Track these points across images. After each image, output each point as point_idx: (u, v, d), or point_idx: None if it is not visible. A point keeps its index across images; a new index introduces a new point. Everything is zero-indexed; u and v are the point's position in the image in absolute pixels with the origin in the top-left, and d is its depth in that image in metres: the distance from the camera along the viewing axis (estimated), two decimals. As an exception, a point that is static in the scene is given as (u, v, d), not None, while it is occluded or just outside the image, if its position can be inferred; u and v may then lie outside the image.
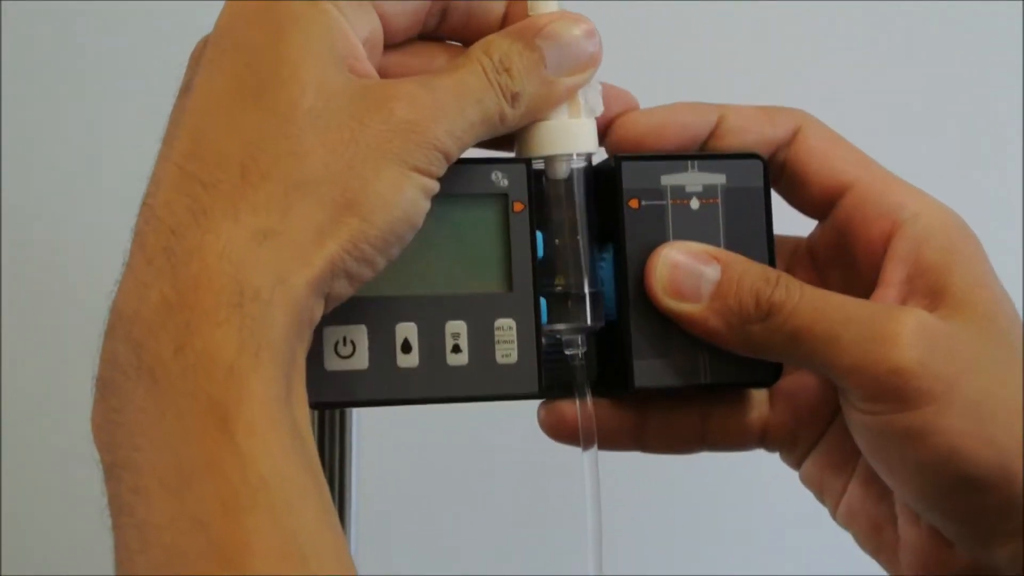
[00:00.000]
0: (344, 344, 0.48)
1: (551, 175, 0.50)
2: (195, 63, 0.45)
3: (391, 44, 0.48)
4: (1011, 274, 0.63)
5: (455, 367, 0.49)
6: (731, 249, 0.51)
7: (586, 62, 0.48)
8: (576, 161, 0.50)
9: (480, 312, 0.49)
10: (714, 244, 0.51)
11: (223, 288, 0.41)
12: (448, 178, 0.45)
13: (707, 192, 0.51)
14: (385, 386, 0.48)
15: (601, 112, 0.50)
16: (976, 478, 0.47)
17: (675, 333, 0.50)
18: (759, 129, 0.52)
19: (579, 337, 0.51)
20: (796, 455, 0.54)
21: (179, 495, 0.39)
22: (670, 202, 0.51)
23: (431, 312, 0.49)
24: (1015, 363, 0.48)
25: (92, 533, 0.44)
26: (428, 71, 0.48)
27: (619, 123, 0.51)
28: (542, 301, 0.50)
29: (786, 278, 0.49)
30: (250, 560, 0.39)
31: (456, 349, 0.49)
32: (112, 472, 0.41)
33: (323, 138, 0.43)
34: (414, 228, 0.44)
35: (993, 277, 0.50)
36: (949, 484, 0.48)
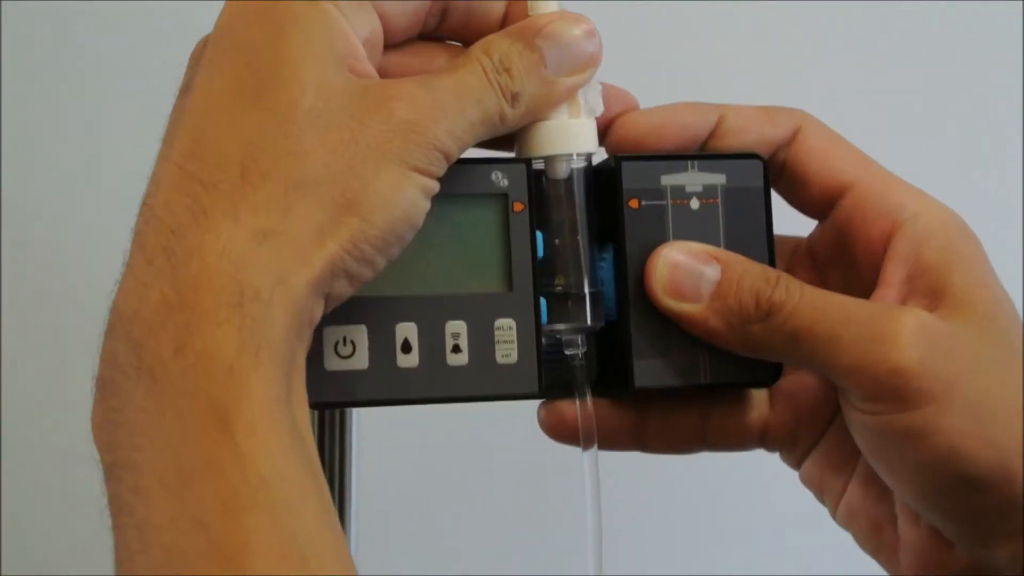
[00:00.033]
0: (344, 344, 0.48)
1: (551, 175, 0.50)
2: (195, 63, 0.45)
3: (391, 44, 0.48)
4: (1011, 274, 0.63)
5: (455, 367, 0.49)
6: (731, 249, 0.51)
7: (586, 62, 0.48)
8: (576, 161, 0.50)
9: (480, 312, 0.49)
10: (714, 244, 0.51)
11: (223, 288, 0.41)
12: (448, 178, 0.45)
13: (707, 192, 0.51)
14: (385, 386, 0.48)
15: (601, 112, 0.50)
16: (976, 478, 0.47)
17: (675, 333, 0.50)
18: (759, 129, 0.52)
19: (579, 337, 0.51)
20: (796, 455, 0.54)
21: (179, 495, 0.39)
22: (670, 202, 0.51)
23: (431, 312, 0.49)
24: (1015, 363, 0.48)
25: (92, 533, 0.44)
26: (428, 71, 0.48)
27: (619, 123, 0.51)
28: (542, 301, 0.50)
29: (786, 278, 0.49)
30: (250, 560, 0.39)
31: (456, 349, 0.49)
32: (112, 472, 0.41)
33: (323, 138, 0.43)
34: (414, 228, 0.44)
35: (993, 277, 0.50)
36: (949, 484, 0.48)
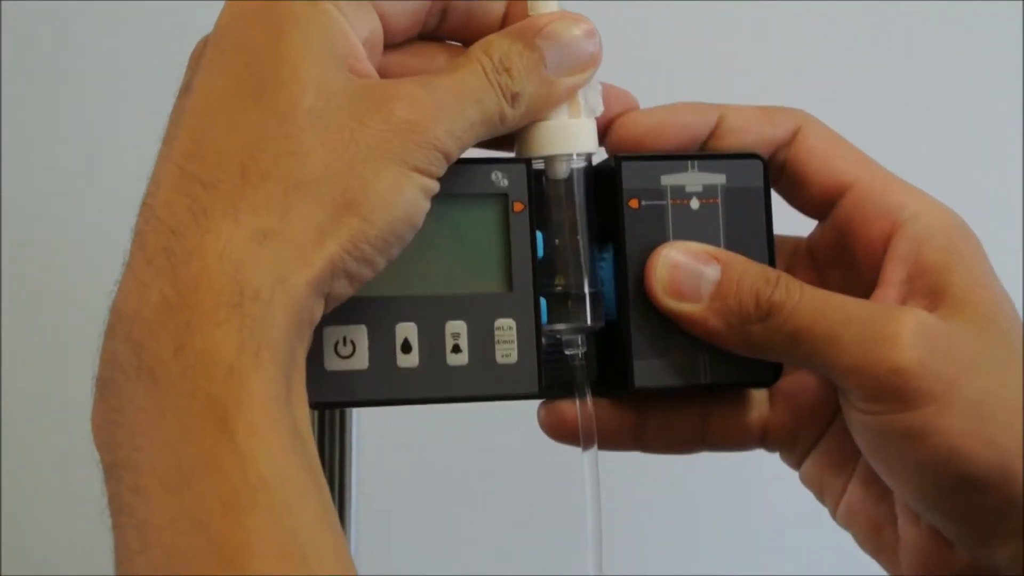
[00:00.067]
0: (344, 344, 0.48)
1: (551, 175, 0.50)
2: (195, 63, 0.45)
3: (391, 44, 0.48)
4: (1011, 274, 0.63)
5: (455, 367, 0.49)
6: (731, 249, 0.51)
7: (586, 62, 0.48)
8: (576, 161, 0.50)
9: (480, 312, 0.49)
10: (714, 244, 0.51)
11: (223, 288, 0.41)
12: (448, 178, 0.45)
13: (707, 192, 0.51)
14: (385, 386, 0.48)
15: (601, 112, 0.50)
16: (976, 478, 0.47)
17: (675, 333, 0.50)
18: (759, 129, 0.52)
19: (579, 337, 0.51)
20: (796, 455, 0.54)
21: (179, 495, 0.39)
22: (670, 202, 0.51)
23: (431, 312, 0.49)
24: (1015, 363, 0.48)
25: (92, 533, 0.44)
26: (428, 71, 0.48)
27: (619, 123, 0.51)
28: (542, 301, 0.50)
29: (786, 278, 0.49)
30: (250, 560, 0.39)
31: (456, 349, 0.49)
32: (112, 472, 0.41)
33: (323, 138, 0.43)
34: (414, 228, 0.44)
35: (993, 277, 0.50)
36: (949, 484, 0.48)
